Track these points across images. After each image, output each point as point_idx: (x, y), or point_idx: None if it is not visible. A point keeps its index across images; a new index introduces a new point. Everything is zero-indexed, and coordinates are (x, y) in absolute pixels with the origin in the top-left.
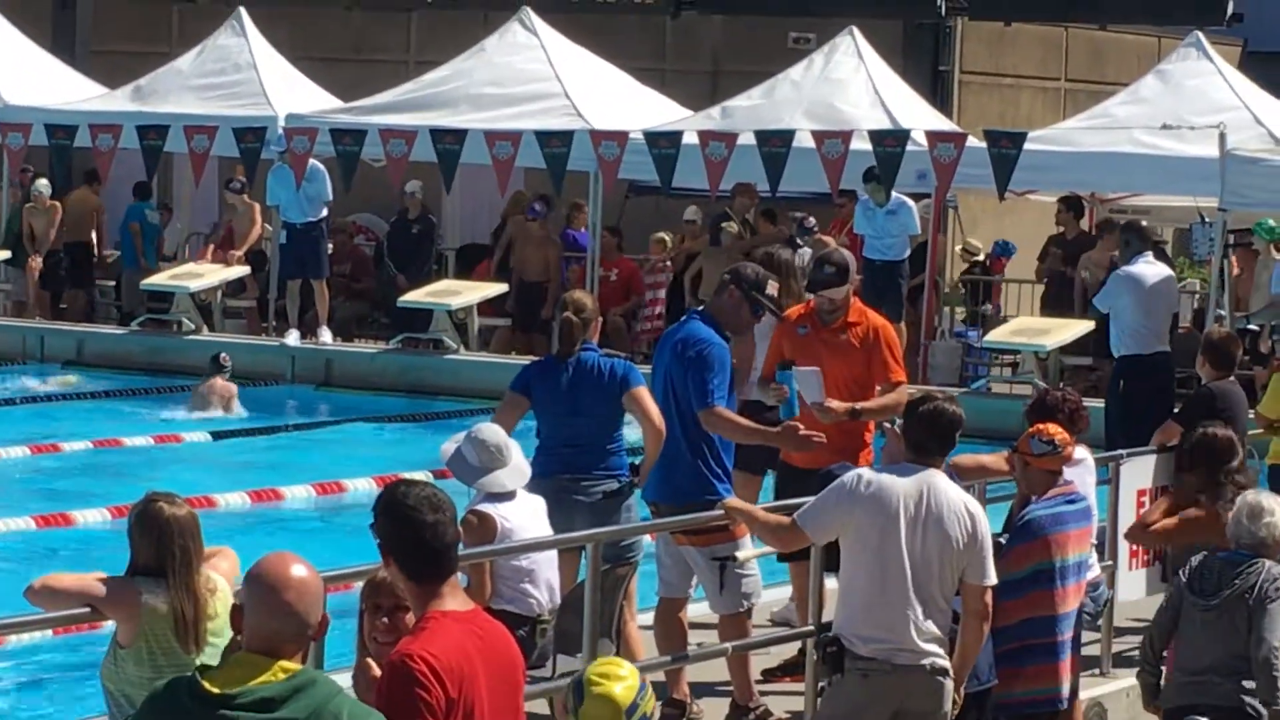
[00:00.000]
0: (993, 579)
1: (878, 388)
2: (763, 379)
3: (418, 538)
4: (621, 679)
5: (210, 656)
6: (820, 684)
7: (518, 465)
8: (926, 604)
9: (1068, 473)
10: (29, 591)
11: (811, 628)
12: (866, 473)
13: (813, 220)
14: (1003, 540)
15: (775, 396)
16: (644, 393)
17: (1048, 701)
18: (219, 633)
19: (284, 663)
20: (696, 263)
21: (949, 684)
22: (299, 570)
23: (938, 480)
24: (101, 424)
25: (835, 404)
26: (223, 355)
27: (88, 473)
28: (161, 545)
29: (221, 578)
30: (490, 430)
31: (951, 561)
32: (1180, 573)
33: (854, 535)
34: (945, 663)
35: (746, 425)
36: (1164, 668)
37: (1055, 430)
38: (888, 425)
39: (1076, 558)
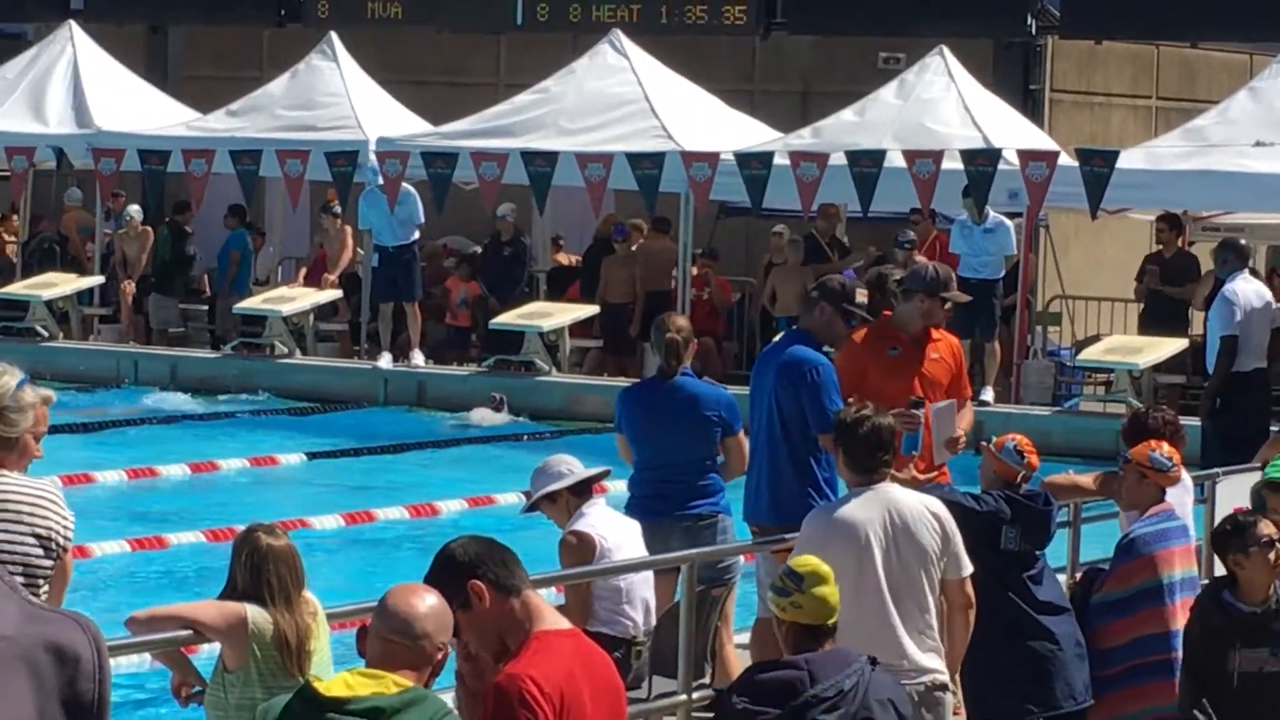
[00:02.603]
0: (969, 569)
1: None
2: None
3: (498, 548)
4: (816, 560)
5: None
6: None
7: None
8: (917, 621)
9: (1168, 493)
10: (131, 622)
11: None
12: (823, 514)
13: (912, 234)
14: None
15: (906, 426)
16: (743, 441)
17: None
18: (324, 658)
19: (397, 677)
20: (770, 281)
21: (949, 699)
22: (429, 598)
23: (893, 494)
24: (197, 447)
25: (961, 437)
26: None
27: (183, 496)
28: (259, 575)
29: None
30: (554, 458)
31: (932, 570)
32: None
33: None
34: (944, 677)
35: None
36: None
37: (1172, 449)
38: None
39: (1184, 573)
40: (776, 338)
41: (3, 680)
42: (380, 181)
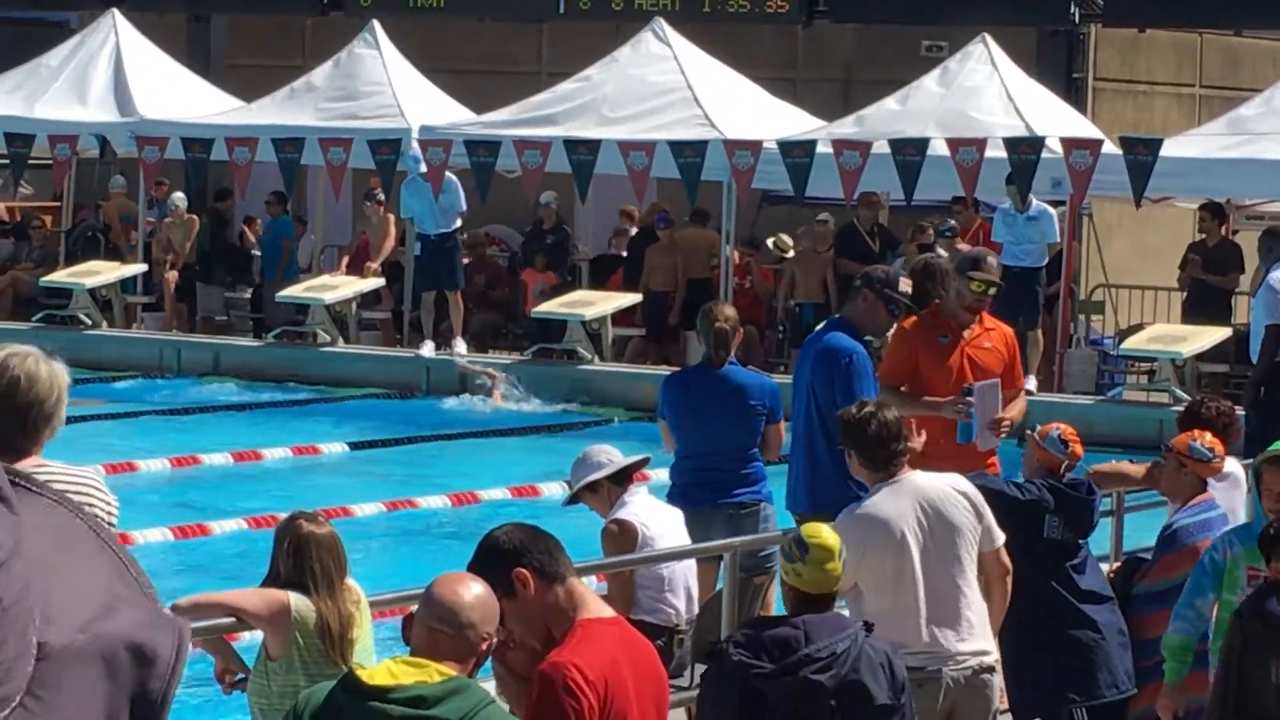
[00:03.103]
0: (1002, 537)
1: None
2: (885, 389)
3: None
4: (828, 532)
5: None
6: None
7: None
8: (959, 605)
9: (1217, 493)
10: (174, 610)
11: None
12: (853, 514)
13: (953, 222)
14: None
15: (957, 414)
16: (782, 429)
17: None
18: (366, 646)
19: (440, 666)
20: (788, 269)
21: (997, 680)
22: (474, 587)
23: (918, 482)
24: (240, 435)
25: (1007, 420)
26: None
27: (226, 484)
28: (301, 562)
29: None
30: (593, 448)
31: (969, 549)
32: None
33: (868, 573)
34: (992, 658)
35: None
36: None
37: (1215, 440)
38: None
39: None
40: (819, 326)
41: (79, 675)
42: (423, 170)
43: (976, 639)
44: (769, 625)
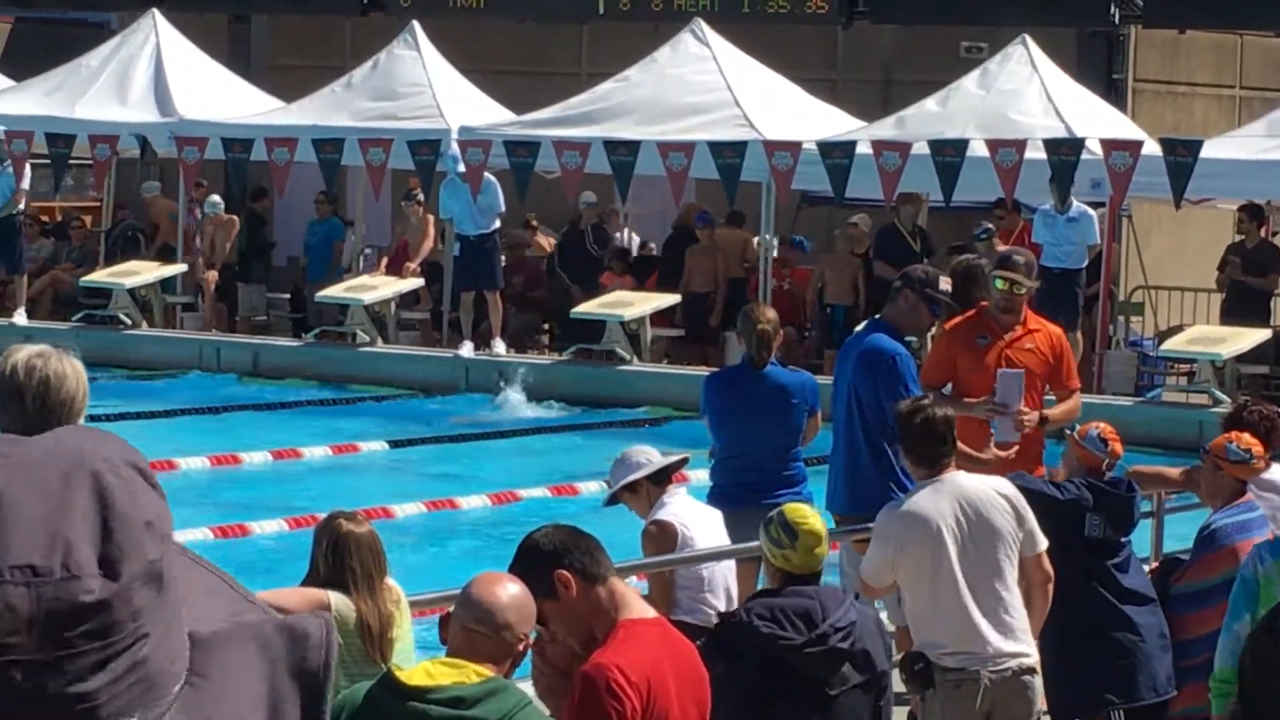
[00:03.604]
0: (1044, 543)
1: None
2: (928, 389)
3: (583, 537)
4: (814, 515)
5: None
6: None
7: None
8: (997, 606)
9: (1262, 497)
10: None
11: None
12: (895, 509)
13: (990, 225)
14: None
15: (990, 414)
16: (818, 421)
17: None
18: (406, 646)
19: (478, 667)
20: (819, 269)
21: (1037, 681)
22: (511, 588)
23: (961, 482)
24: (279, 435)
25: (1027, 413)
26: None
27: (265, 484)
28: (341, 561)
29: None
30: (632, 448)
31: (1008, 552)
32: None
33: (906, 569)
34: (1031, 660)
35: None
36: None
37: (1252, 441)
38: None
39: None
40: (859, 327)
41: (235, 654)
42: (462, 170)
43: (1016, 640)
44: (781, 597)
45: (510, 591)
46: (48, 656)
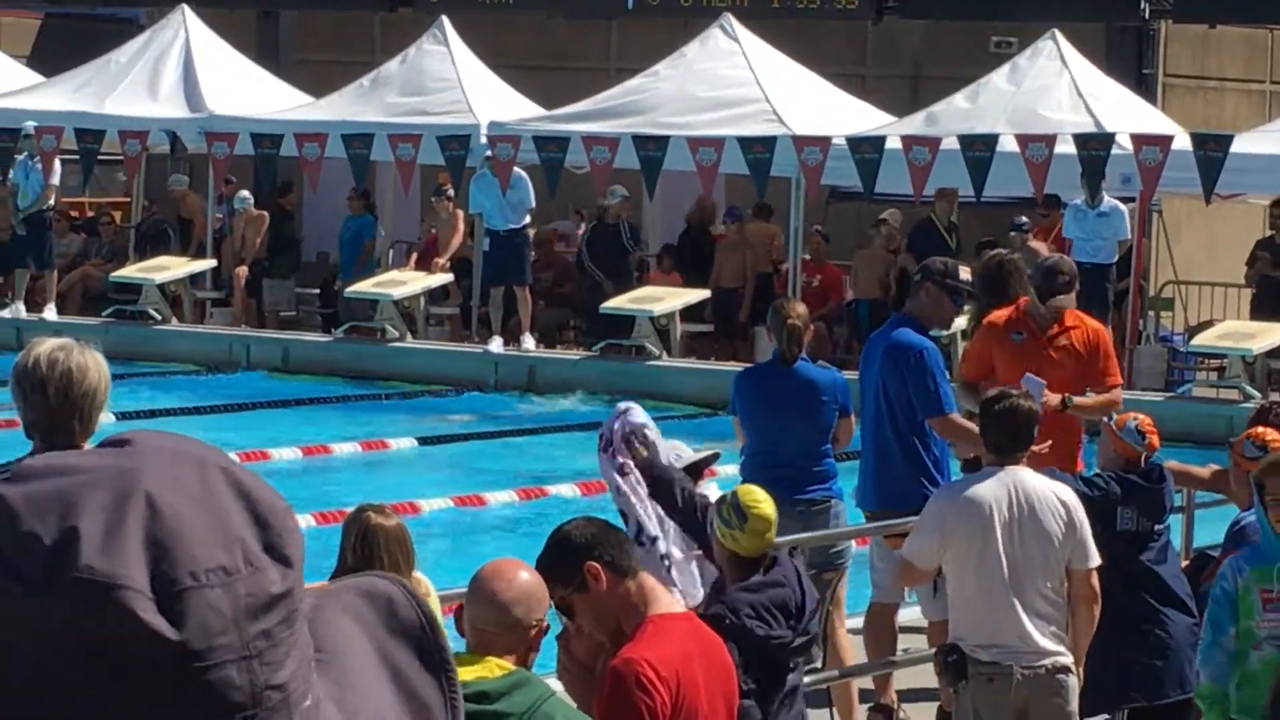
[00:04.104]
0: (1096, 560)
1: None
2: (966, 385)
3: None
4: (766, 500)
5: None
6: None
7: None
8: (1037, 603)
9: None
10: None
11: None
12: (951, 490)
13: (1025, 219)
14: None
15: None
16: (852, 422)
17: None
18: None
19: (499, 660)
20: (855, 262)
21: (1072, 681)
22: (522, 574)
23: (1023, 477)
24: (309, 430)
25: (1049, 396)
26: None
27: (294, 479)
28: (369, 554)
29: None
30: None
31: (1055, 555)
32: None
33: (954, 552)
34: (1067, 660)
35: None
36: None
37: (1272, 436)
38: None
39: None
40: (885, 323)
41: (332, 623)
42: (491, 165)
43: (1053, 639)
44: (759, 592)
45: (515, 584)
46: (254, 651)
